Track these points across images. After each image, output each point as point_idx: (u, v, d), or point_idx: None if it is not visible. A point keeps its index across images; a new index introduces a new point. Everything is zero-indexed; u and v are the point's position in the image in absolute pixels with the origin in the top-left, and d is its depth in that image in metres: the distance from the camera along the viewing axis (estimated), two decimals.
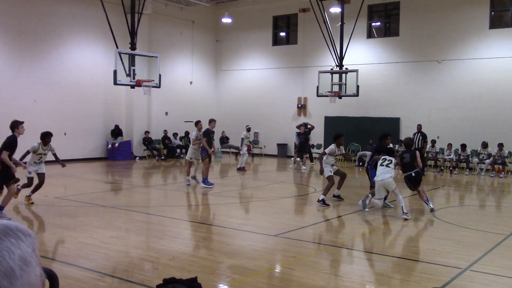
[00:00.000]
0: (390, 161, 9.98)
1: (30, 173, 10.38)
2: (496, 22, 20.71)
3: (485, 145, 19.00)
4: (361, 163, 19.91)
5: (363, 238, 8.33)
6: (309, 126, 21.05)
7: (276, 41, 26.39)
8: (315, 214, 10.48)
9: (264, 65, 26.13)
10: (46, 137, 10.39)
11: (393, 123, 22.16)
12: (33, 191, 10.59)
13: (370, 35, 23.67)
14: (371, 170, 11.06)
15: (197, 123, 15.07)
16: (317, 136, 23.04)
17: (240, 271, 6.17)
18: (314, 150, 22.60)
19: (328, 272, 6.33)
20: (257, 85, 26.19)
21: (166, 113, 24.45)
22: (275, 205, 11.55)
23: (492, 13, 20.63)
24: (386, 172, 9.83)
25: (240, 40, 26.76)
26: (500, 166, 18.53)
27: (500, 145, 18.59)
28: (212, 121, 14.20)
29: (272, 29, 26.25)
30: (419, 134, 18.40)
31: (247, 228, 8.73)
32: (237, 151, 19.82)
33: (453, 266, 6.40)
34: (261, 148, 25.36)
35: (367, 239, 8.29)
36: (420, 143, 18.19)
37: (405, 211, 9.58)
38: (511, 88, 19.75)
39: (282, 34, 26.65)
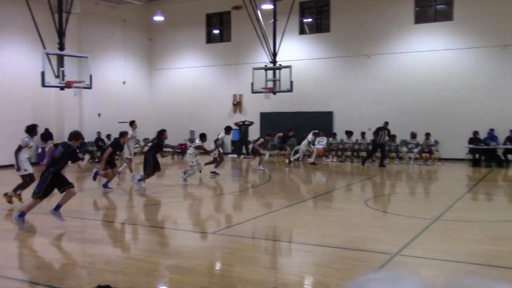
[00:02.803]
0: None
1: (26, 170, 10.29)
2: (421, 18, 21.65)
3: (413, 135, 19.88)
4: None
5: (299, 230, 8.50)
6: (246, 123, 21.25)
7: (210, 38, 26.34)
8: (252, 209, 10.59)
9: (198, 63, 26.02)
10: (34, 129, 10.36)
11: (327, 117, 22.72)
12: (16, 190, 10.48)
13: (302, 31, 24.10)
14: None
15: (132, 123, 14.76)
16: (253, 132, 23.22)
17: (178, 271, 6.14)
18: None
19: (266, 266, 6.42)
20: (192, 83, 26.04)
21: (99, 115, 23.83)
22: (212, 202, 11.56)
23: (417, 8, 21.56)
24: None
25: (173, 38, 26.49)
26: (427, 155, 19.47)
27: (427, 135, 19.60)
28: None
29: (206, 26, 26.18)
30: (386, 130, 19.02)
31: (184, 227, 8.69)
32: (172, 150, 19.55)
33: (385, 252, 6.67)
34: None
35: (302, 231, 8.47)
36: (381, 139, 18.85)
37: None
38: (436, 80, 20.76)
39: (216, 31, 26.63)
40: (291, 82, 20.41)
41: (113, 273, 5.97)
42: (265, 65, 21.13)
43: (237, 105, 25.00)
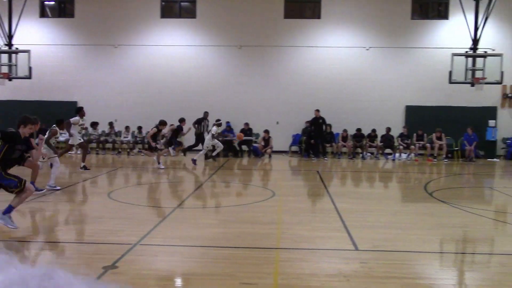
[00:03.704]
0: None
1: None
2: (167, 13, 22.28)
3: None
4: None
5: (40, 228, 7.92)
6: None
7: None
8: None
9: None
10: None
11: (70, 107, 21.64)
12: None
13: (43, 14, 22.42)
14: None
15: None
16: None
17: None
18: None
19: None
20: None
21: None
22: None
23: (163, 3, 22.11)
24: None
25: None
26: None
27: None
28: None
29: None
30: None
31: None
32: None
33: (125, 243, 6.68)
34: None
35: (41, 228, 7.92)
36: (203, 129, 19.44)
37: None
38: (179, 73, 21.66)
39: None
40: (30, 68, 18.82)
41: None
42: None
43: None
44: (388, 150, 20.25)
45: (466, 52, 18.89)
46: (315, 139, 19.51)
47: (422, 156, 20.23)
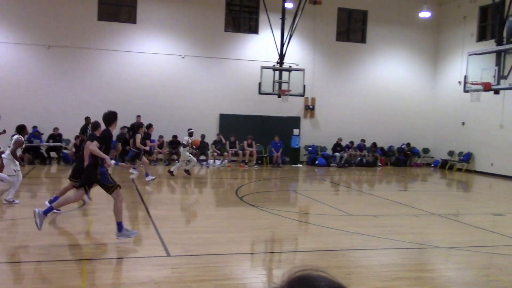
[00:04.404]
0: None
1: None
2: None
3: None
4: None
5: None
6: None
7: None
8: None
9: None
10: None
11: None
12: None
13: None
14: None
15: None
16: None
17: None
18: None
19: None
20: None
21: None
22: None
23: None
24: None
25: None
26: None
27: None
28: None
29: None
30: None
31: None
32: None
33: None
34: None
35: None
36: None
37: None
38: None
39: None
40: None
41: None
42: None
43: None
44: (202, 157, 20.75)
45: (274, 65, 20.35)
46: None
47: (235, 162, 21.17)
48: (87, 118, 17.75)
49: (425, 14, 22.07)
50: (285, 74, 20.18)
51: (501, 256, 7.49)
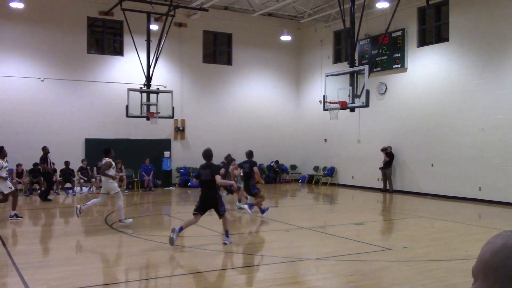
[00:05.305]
0: None
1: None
2: None
3: None
4: None
5: None
6: None
7: None
8: None
9: None
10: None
11: None
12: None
13: None
14: None
15: None
16: None
17: None
18: None
19: None
20: None
21: None
22: None
23: None
24: None
25: None
26: None
27: None
28: None
29: None
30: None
31: None
32: None
33: None
34: None
35: None
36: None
37: None
38: None
39: None
40: None
41: None
42: None
43: None
44: (68, 185, 19.58)
45: (141, 88, 19.99)
46: None
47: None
48: None
49: (286, 38, 23.31)
50: (153, 96, 19.94)
51: (363, 262, 8.02)
